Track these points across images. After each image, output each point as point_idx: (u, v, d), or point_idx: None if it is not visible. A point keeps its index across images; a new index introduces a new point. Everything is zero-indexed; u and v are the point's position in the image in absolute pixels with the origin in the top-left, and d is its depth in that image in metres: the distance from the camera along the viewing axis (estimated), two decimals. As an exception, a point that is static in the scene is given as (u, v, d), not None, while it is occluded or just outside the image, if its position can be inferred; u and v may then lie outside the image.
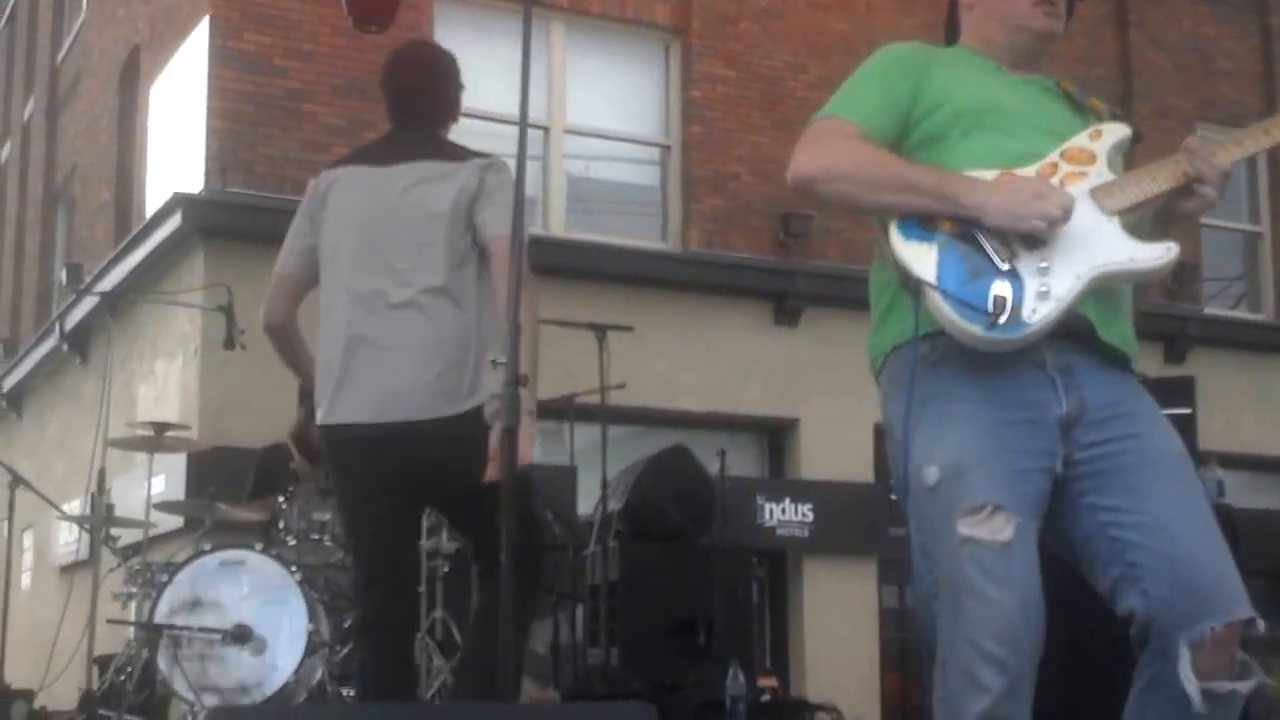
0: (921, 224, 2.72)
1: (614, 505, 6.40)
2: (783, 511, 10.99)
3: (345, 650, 5.65)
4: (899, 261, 2.71)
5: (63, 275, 13.94)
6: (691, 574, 5.62)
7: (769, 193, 11.65)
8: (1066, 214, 2.66)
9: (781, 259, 11.77)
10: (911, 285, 2.70)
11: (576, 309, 7.69)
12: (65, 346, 13.09)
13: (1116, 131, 2.84)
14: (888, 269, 2.81)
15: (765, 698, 5.87)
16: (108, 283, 11.63)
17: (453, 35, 10.95)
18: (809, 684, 9.65)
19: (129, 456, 11.88)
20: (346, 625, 6.07)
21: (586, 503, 7.03)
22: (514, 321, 3.00)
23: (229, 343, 6.32)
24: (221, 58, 10.18)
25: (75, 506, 12.98)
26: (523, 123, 3.16)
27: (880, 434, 11.88)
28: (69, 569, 13.27)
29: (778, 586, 11.60)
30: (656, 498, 6.34)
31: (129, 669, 5.74)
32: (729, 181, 11.74)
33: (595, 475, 6.69)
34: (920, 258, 2.69)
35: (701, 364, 11.25)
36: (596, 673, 5.66)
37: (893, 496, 9.67)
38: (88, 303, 12.38)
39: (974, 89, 2.87)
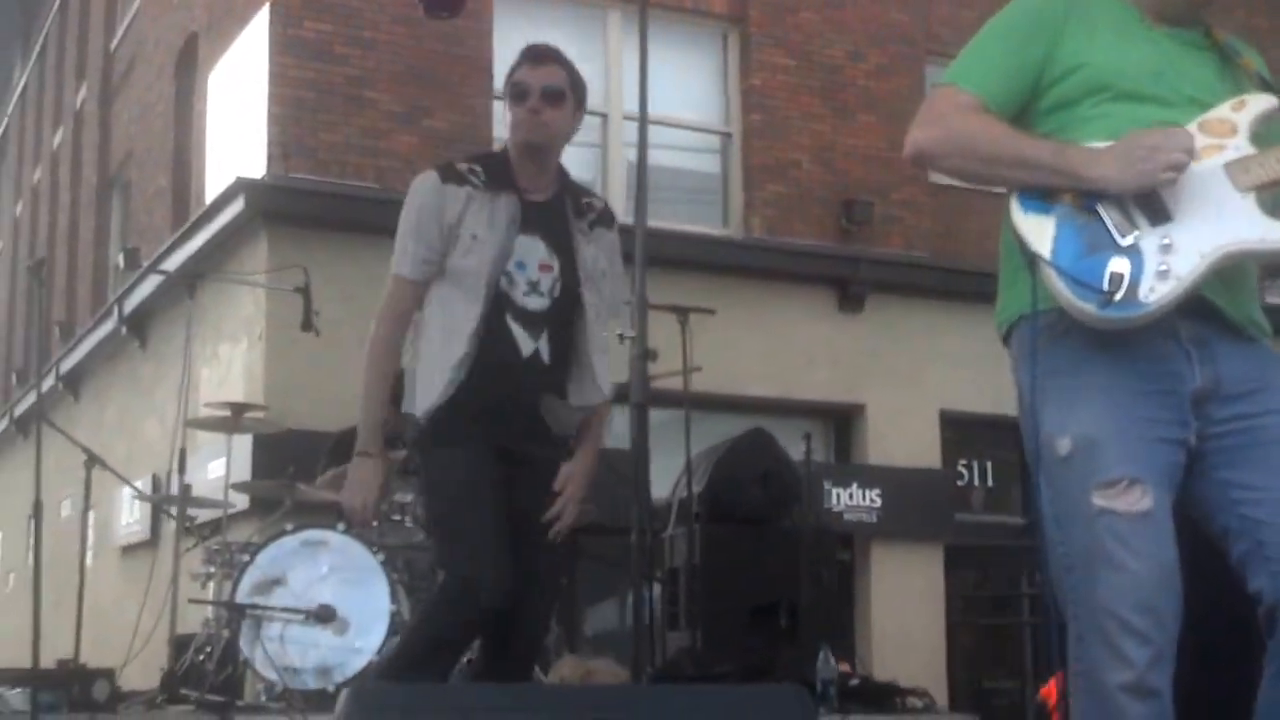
0: (1043, 195, 2.67)
1: (693, 488, 6.40)
2: (850, 497, 11.04)
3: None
4: (1017, 234, 2.68)
5: (120, 259, 14.08)
6: (774, 556, 5.62)
7: (830, 180, 11.67)
8: (1189, 153, 2.59)
9: (844, 246, 11.77)
10: (1028, 259, 2.66)
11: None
12: (124, 330, 13.18)
13: (1262, 103, 2.73)
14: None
15: (854, 681, 5.87)
16: (168, 266, 11.73)
17: (512, 23, 11.02)
18: (876, 668, 9.63)
19: (192, 438, 12.01)
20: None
21: (660, 486, 7.04)
22: (641, 297, 3.00)
23: (306, 324, 6.36)
24: (282, 45, 10.24)
25: (138, 488, 13.13)
26: (643, 119, 3.16)
27: (945, 420, 11.93)
28: (131, 549, 13.41)
29: (845, 571, 11.63)
30: (739, 480, 6.33)
31: (208, 648, 5.77)
32: (790, 169, 11.75)
33: (666, 459, 6.68)
34: (1038, 231, 2.65)
35: (766, 350, 11.26)
36: (685, 655, 5.66)
37: (960, 482, 9.67)
38: (146, 286, 12.49)
39: (1111, 51, 2.76)
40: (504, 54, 10.94)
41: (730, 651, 5.62)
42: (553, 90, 3.89)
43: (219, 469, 10.82)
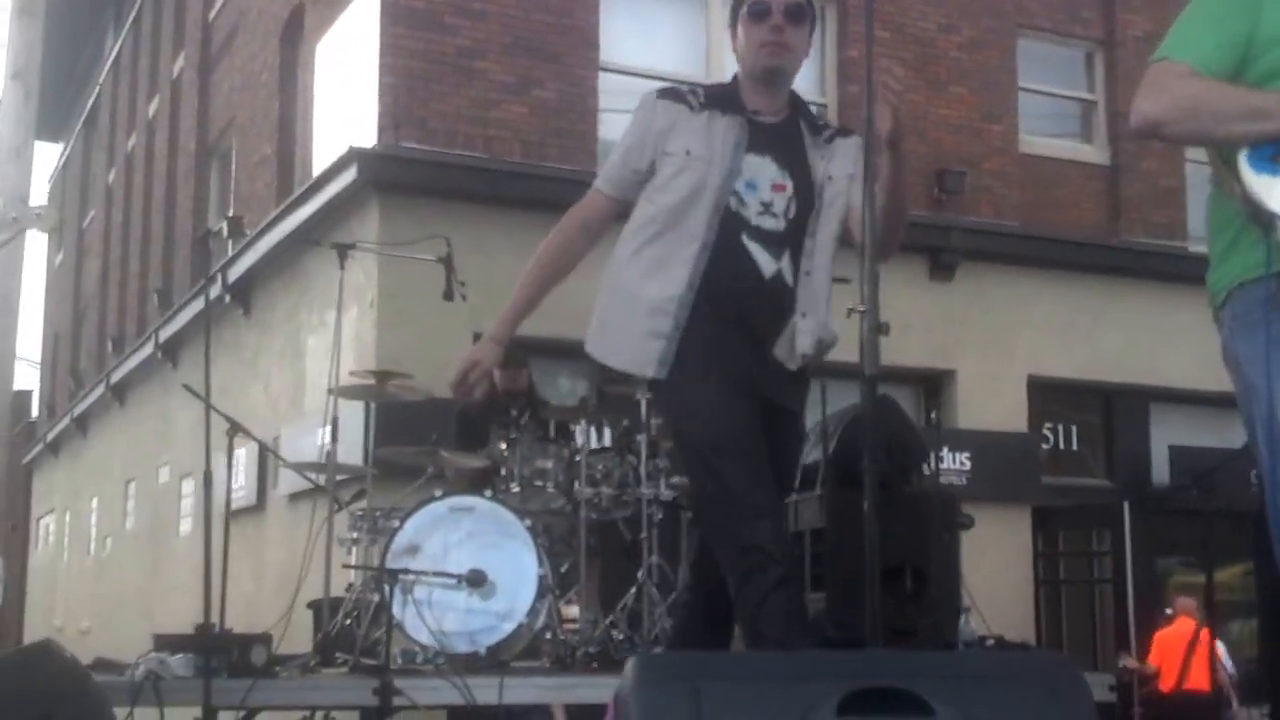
0: (1275, 156, 2.66)
1: (816, 455, 6.47)
2: (942, 460, 11.11)
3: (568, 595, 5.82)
4: (1249, 194, 2.65)
5: (224, 227, 14.28)
6: (900, 521, 5.66)
7: (922, 150, 11.71)
8: None
9: (936, 215, 11.81)
10: (1264, 220, 2.64)
11: None
12: (227, 298, 13.38)
13: None
14: (1231, 203, 2.75)
15: (989, 642, 5.92)
16: (274, 234, 11.92)
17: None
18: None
19: (297, 405, 12.22)
20: (564, 570, 6.25)
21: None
22: (873, 271, 3.01)
23: (448, 294, 6.47)
24: (393, 16, 10.35)
25: (242, 455, 13.34)
26: (869, 112, 3.21)
27: (1034, 386, 11.95)
28: (236, 515, 13.63)
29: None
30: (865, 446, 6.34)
31: (355, 612, 5.92)
32: (885, 139, 11.77)
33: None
34: (1271, 190, 2.63)
35: (859, 316, 11.28)
36: (823, 616, 5.75)
37: (1045, 445, 9.71)
38: (250, 255, 12.69)
39: None
40: (609, 26, 11.04)
41: (855, 615, 5.68)
42: (795, 7, 3.67)
43: (329, 434, 11.05)
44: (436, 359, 9.13)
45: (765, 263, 3.65)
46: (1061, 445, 12.76)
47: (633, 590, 6.01)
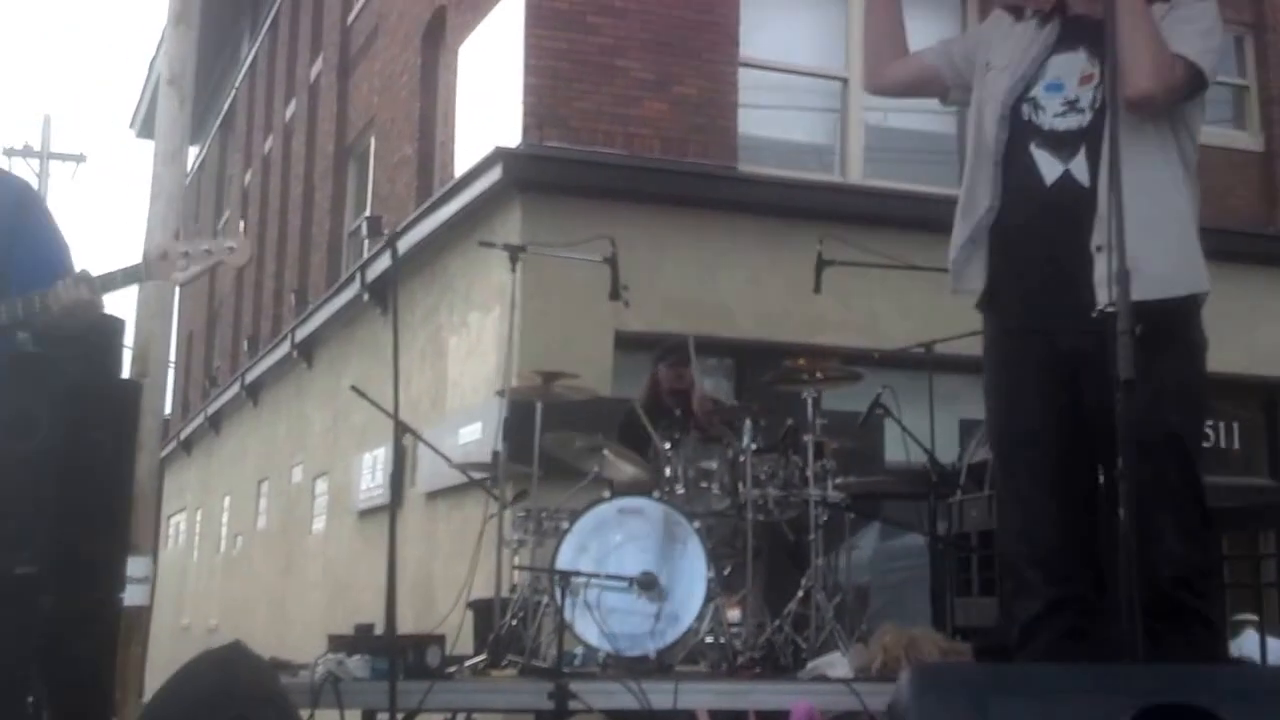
0: None
1: (983, 453, 6.35)
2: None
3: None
4: None
5: (364, 227, 14.44)
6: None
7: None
8: None
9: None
10: None
11: (863, 254, 7.56)
12: (366, 297, 13.53)
13: None
14: None
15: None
16: (415, 235, 12.01)
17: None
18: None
19: (438, 405, 12.32)
20: (726, 573, 6.20)
21: (946, 451, 7.03)
22: (1122, 269, 2.79)
23: (614, 294, 6.46)
24: (536, 16, 10.39)
25: (379, 456, 13.50)
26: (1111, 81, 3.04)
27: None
28: (369, 514, 13.80)
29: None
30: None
31: (521, 613, 5.92)
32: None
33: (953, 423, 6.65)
34: None
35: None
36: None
37: (1206, 444, 9.44)
38: (390, 254, 12.80)
39: None
40: (750, 21, 10.98)
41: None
42: None
43: (471, 433, 11.12)
44: (578, 358, 9.22)
45: (1049, 169, 3.35)
46: (1221, 443, 12.38)
47: (799, 594, 5.94)
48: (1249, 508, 11.83)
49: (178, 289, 4.65)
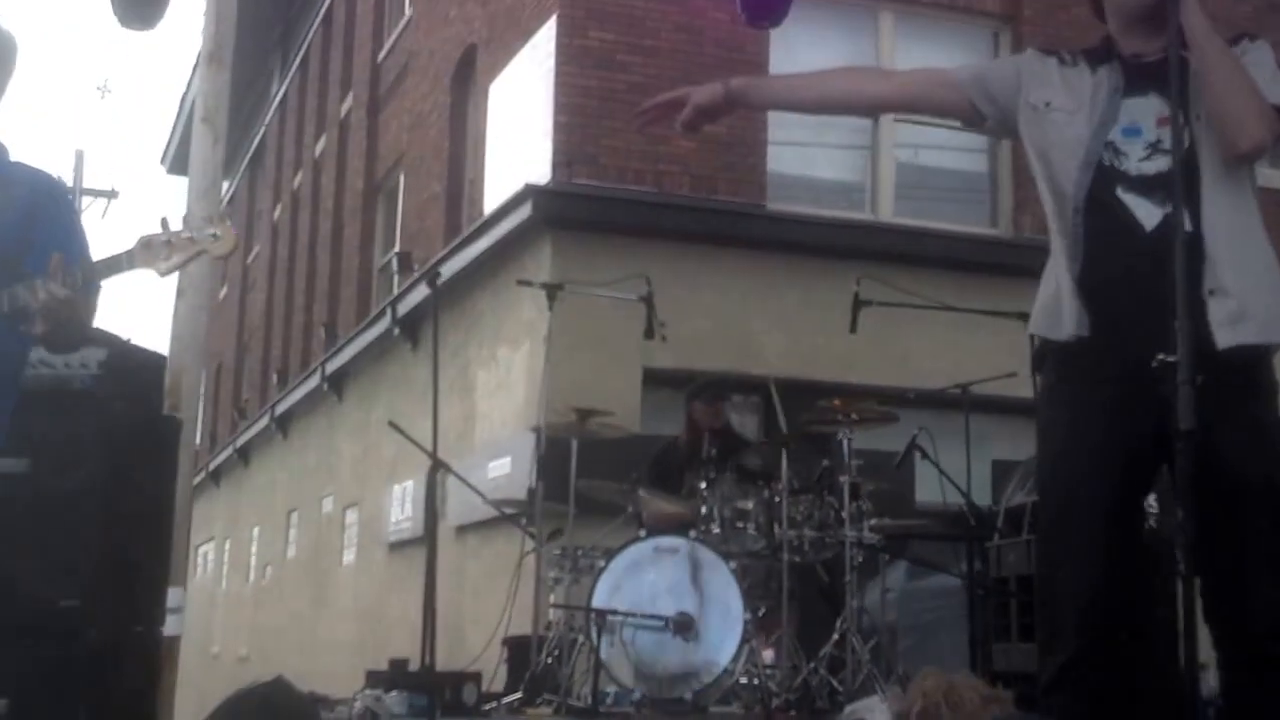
0: None
1: (1021, 496, 6.33)
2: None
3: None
4: None
5: (394, 262, 14.52)
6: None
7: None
8: None
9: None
10: None
11: (898, 294, 7.54)
12: (396, 331, 13.58)
13: None
14: None
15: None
16: (445, 270, 12.05)
17: (787, 26, 11.00)
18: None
19: (466, 439, 12.35)
20: (761, 614, 6.17)
21: (978, 493, 6.99)
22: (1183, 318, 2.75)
23: (649, 332, 6.48)
24: (568, 55, 10.46)
25: (409, 488, 13.53)
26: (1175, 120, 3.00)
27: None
28: (399, 546, 13.81)
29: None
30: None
31: (556, 651, 5.92)
32: (1062, 167, 11.55)
33: (985, 464, 6.65)
34: None
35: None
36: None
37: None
38: (421, 289, 12.86)
39: None
40: (779, 57, 11.00)
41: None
42: None
43: (499, 468, 11.13)
44: (608, 394, 9.23)
45: (1146, 215, 3.16)
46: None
47: (835, 637, 5.91)
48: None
49: (205, 318, 4.66)
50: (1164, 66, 3.14)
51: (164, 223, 3.42)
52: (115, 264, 3.39)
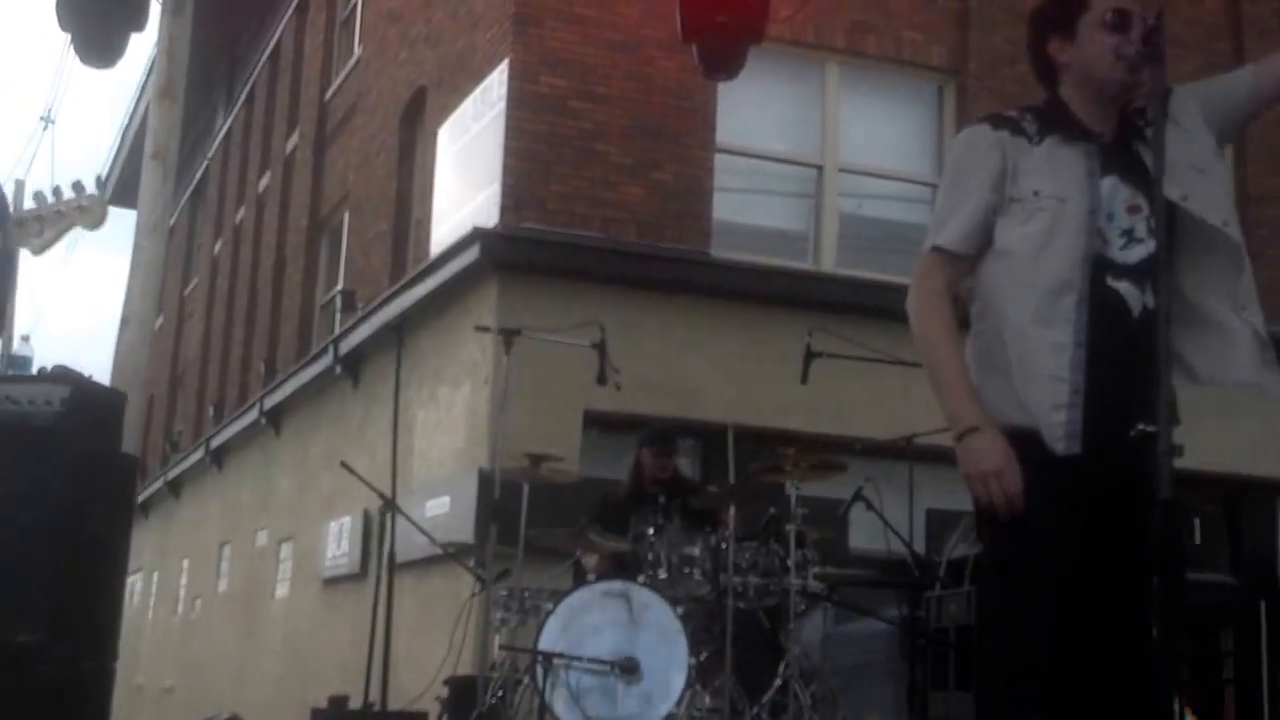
0: None
1: (963, 549, 6.47)
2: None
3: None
4: None
5: (337, 300, 14.53)
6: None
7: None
8: None
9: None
10: None
11: (850, 346, 7.64)
12: (338, 369, 13.59)
13: None
14: None
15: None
16: (390, 309, 12.10)
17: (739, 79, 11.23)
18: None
19: (404, 478, 12.33)
20: (703, 658, 6.25)
21: (914, 542, 7.12)
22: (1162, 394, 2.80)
23: (601, 378, 6.56)
24: (518, 100, 10.55)
25: (345, 524, 13.50)
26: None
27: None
28: (334, 582, 13.76)
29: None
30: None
31: (500, 692, 5.96)
32: (1006, 222, 11.76)
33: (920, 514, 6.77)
34: None
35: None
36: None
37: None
38: (364, 328, 12.89)
39: None
40: (726, 107, 11.17)
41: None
42: (1158, 20, 3.14)
43: (438, 507, 11.14)
44: (549, 437, 9.29)
45: (1134, 300, 3.21)
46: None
47: (778, 682, 6.00)
48: (1210, 605, 11.97)
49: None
50: (1122, 150, 3.24)
51: (36, 196, 3.41)
52: None
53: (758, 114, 11.58)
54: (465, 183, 11.37)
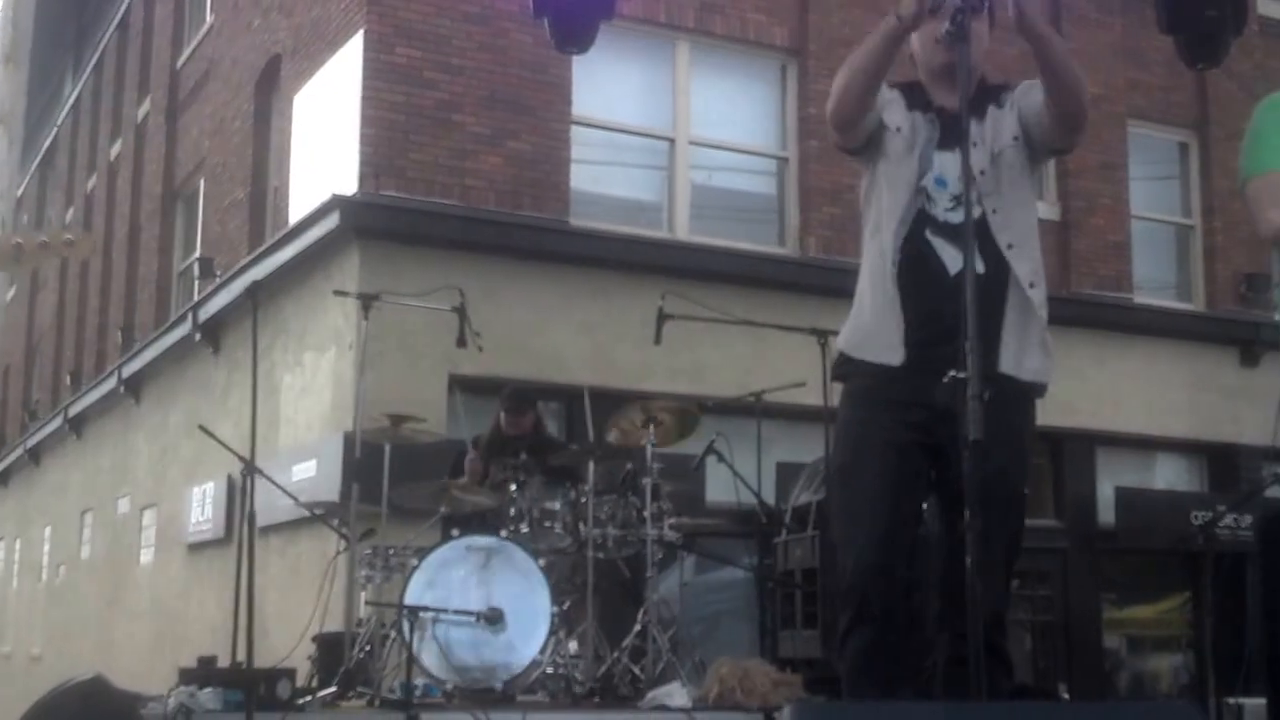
0: None
1: (808, 496, 6.85)
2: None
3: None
4: None
5: (195, 267, 14.50)
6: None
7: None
8: None
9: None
10: None
11: (701, 309, 7.97)
12: (198, 336, 13.59)
13: None
14: None
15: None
16: (249, 277, 12.15)
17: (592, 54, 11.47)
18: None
19: (270, 442, 12.42)
20: (565, 607, 6.56)
21: (765, 493, 7.49)
22: (975, 343, 3.13)
23: (461, 341, 6.79)
24: (374, 70, 10.68)
25: (209, 489, 13.55)
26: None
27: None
28: (198, 547, 13.81)
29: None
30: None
31: (368, 647, 6.19)
32: (845, 192, 12.16)
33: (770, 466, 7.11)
34: None
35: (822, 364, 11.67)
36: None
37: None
38: (223, 295, 12.92)
39: None
40: (582, 81, 11.41)
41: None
42: (961, 7, 3.47)
43: (305, 470, 11.26)
44: (414, 400, 9.48)
45: (951, 260, 3.60)
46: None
47: (636, 628, 6.32)
48: (1031, 550, 12.68)
49: None
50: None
51: (16, 225, 3.56)
52: None
53: (613, 88, 11.85)
54: (323, 150, 11.46)
